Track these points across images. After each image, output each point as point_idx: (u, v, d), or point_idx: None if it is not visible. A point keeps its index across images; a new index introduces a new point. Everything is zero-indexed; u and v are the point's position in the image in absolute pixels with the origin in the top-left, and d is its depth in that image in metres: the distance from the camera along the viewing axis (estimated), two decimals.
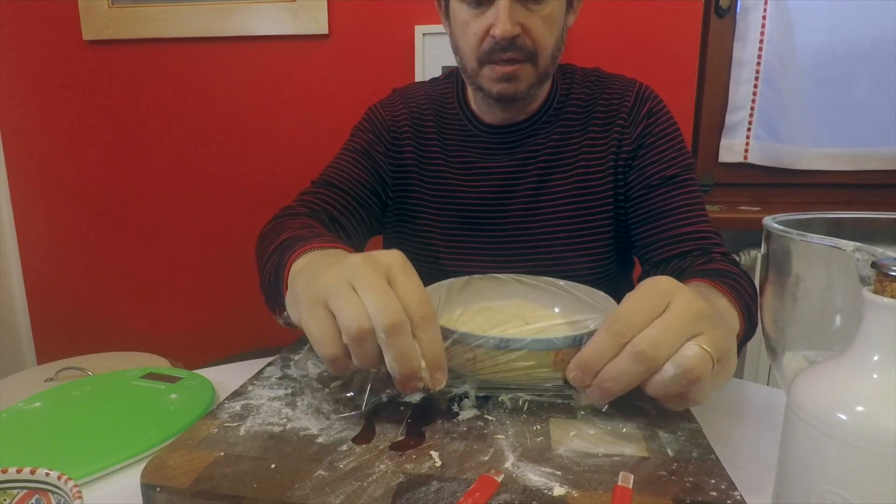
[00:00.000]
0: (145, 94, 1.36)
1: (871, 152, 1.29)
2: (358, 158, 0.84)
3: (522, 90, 0.73)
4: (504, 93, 0.73)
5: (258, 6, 1.27)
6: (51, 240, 1.47)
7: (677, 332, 0.40)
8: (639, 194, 0.78)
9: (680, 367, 0.39)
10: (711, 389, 0.43)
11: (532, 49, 0.71)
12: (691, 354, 0.39)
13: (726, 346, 0.42)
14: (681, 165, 0.77)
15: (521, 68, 0.71)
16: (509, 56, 0.70)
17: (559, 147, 0.79)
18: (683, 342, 0.40)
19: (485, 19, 0.70)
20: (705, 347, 0.39)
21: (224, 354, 1.33)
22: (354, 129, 0.88)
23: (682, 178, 0.77)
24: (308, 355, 0.60)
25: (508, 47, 0.69)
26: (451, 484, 0.37)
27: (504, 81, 0.72)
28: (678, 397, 0.42)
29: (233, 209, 1.39)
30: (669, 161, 0.77)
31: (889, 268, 0.29)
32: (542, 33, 0.71)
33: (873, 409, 0.28)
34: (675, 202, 0.76)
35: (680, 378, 0.40)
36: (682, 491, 0.37)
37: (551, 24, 0.71)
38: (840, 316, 0.47)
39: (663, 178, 0.77)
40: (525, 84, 0.73)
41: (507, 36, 0.68)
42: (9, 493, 0.36)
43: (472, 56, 0.73)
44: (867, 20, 1.23)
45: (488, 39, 0.70)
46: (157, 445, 0.49)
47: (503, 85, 0.72)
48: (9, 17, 1.36)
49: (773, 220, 0.52)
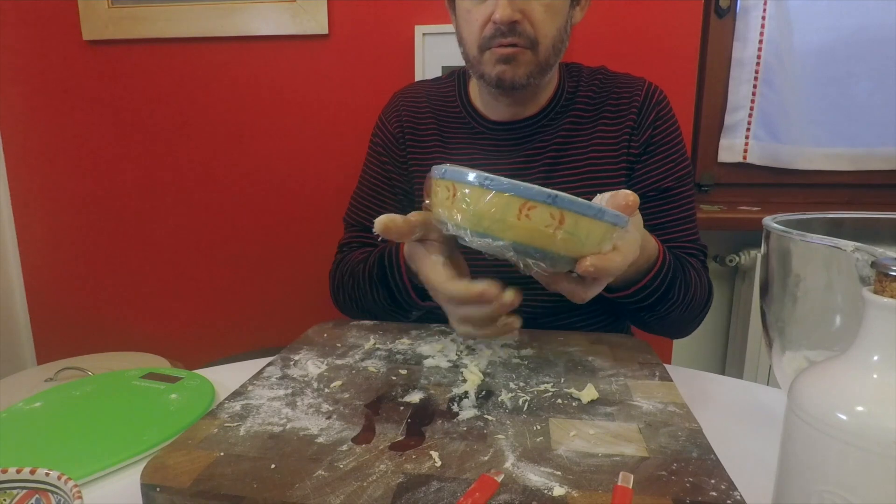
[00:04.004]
0: (145, 94, 1.36)
1: (871, 152, 1.29)
2: (378, 187, 0.87)
3: (521, 76, 0.73)
4: (503, 76, 0.73)
5: (258, 6, 1.27)
6: (51, 240, 1.47)
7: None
8: None
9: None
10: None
11: (533, 36, 0.71)
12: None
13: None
14: (677, 177, 0.79)
15: (520, 52, 0.72)
16: (509, 41, 0.71)
17: (566, 143, 0.80)
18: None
19: (486, 7, 0.71)
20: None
21: (224, 354, 1.33)
22: (368, 149, 0.91)
23: (677, 190, 0.79)
24: (308, 355, 0.60)
25: (509, 33, 0.70)
26: (451, 484, 0.37)
27: (503, 63, 0.72)
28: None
29: (233, 209, 1.39)
30: (667, 172, 0.78)
31: (889, 268, 0.29)
32: (542, 20, 0.71)
33: (873, 409, 0.28)
34: (667, 216, 0.78)
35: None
36: (682, 491, 0.37)
37: (553, 14, 0.72)
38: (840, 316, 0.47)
39: (658, 189, 0.78)
40: (524, 70, 0.73)
41: (506, 20, 0.69)
42: (9, 493, 0.36)
43: (474, 44, 0.74)
44: (867, 20, 1.23)
45: (489, 25, 0.71)
46: (157, 445, 0.49)
47: (502, 67, 0.72)
48: (9, 17, 1.36)
49: (773, 220, 0.53)
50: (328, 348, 0.63)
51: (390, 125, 0.86)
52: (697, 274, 0.74)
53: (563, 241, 0.46)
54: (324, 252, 1.36)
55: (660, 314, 0.72)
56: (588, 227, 0.46)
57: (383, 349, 0.62)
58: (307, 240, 1.38)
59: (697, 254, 0.79)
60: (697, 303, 0.74)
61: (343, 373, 0.56)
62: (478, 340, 0.64)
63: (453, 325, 0.58)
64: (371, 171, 0.88)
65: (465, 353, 0.61)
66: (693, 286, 0.72)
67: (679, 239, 0.78)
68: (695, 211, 0.80)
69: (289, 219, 1.38)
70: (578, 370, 0.57)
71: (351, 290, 0.79)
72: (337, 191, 1.33)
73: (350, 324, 0.71)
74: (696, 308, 0.75)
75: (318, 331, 0.68)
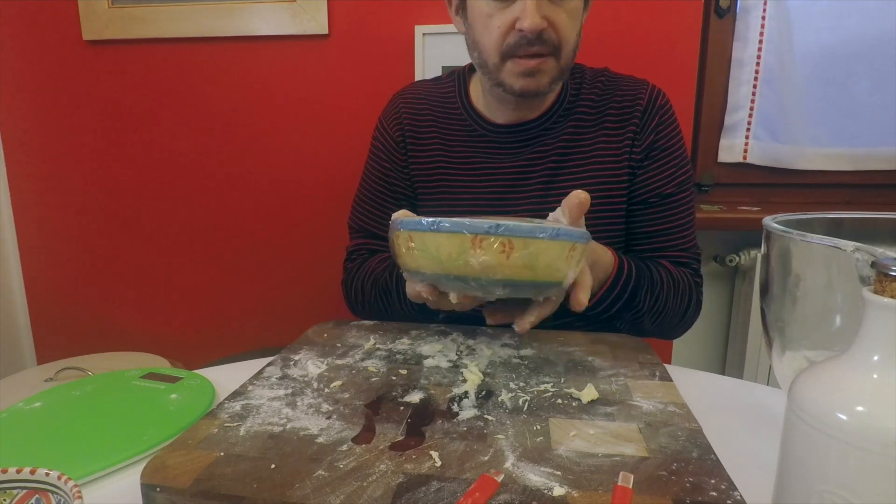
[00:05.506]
0: (145, 94, 1.36)
1: (871, 152, 1.29)
2: (379, 191, 0.87)
3: (545, 85, 0.72)
4: (526, 88, 0.72)
5: (258, 6, 1.27)
6: (51, 240, 1.47)
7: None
8: (633, 208, 0.79)
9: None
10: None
11: (556, 43, 0.70)
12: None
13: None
14: (678, 182, 0.79)
15: (544, 62, 0.70)
16: (535, 50, 0.69)
17: (569, 146, 0.79)
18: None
19: (510, 12, 0.69)
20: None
21: (224, 354, 1.33)
22: (369, 152, 0.91)
23: (677, 196, 0.79)
24: (308, 355, 0.60)
25: (535, 41, 0.68)
26: (451, 484, 0.37)
27: (527, 76, 0.71)
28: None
29: (232, 209, 1.39)
30: (669, 177, 0.78)
31: (889, 268, 0.29)
32: (566, 27, 0.70)
33: (873, 409, 0.28)
34: (666, 223, 0.79)
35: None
36: (682, 491, 0.37)
37: (574, 19, 0.71)
38: (840, 316, 0.47)
39: (660, 195, 0.78)
40: (547, 79, 0.72)
41: (536, 29, 0.67)
42: (9, 493, 0.36)
43: (495, 51, 0.71)
44: (867, 20, 1.23)
45: (514, 33, 0.69)
46: (157, 445, 0.49)
47: (526, 80, 0.71)
48: (9, 17, 1.36)
49: (773, 220, 0.52)
50: (328, 348, 0.63)
51: (390, 129, 0.86)
52: (673, 281, 0.75)
53: (521, 269, 0.47)
54: (324, 252, 1.36)
55: (629, 321, 0.74)
56: (541, 248, 0.47)
57: (383, 349, 0.62)
58: (307, 240, 1.38)
59: (690, 262, 0.80)
60: (671, 309, 0.75)
61: (343, 373, 0.56)
62: (477, 340, 0.64)
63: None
64: (373, 176, 0.88)
65: (465, 353, 0.61)
66: (665, 293, 0.73)
67: (676, 246, 0.79)
68: (694, 217, 0.80)
69: (289, 219, 1.38)
70: (578, 370, 0.57)
71: (374, 300, 0.80)
72: (337, 190, 1.33)
73: (350, 324, 0.71)
74: (672, 314, 0.76)
75: (318, 331, 0.68)
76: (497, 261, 0.46)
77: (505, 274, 0.47)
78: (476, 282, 0.48)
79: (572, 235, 0.49)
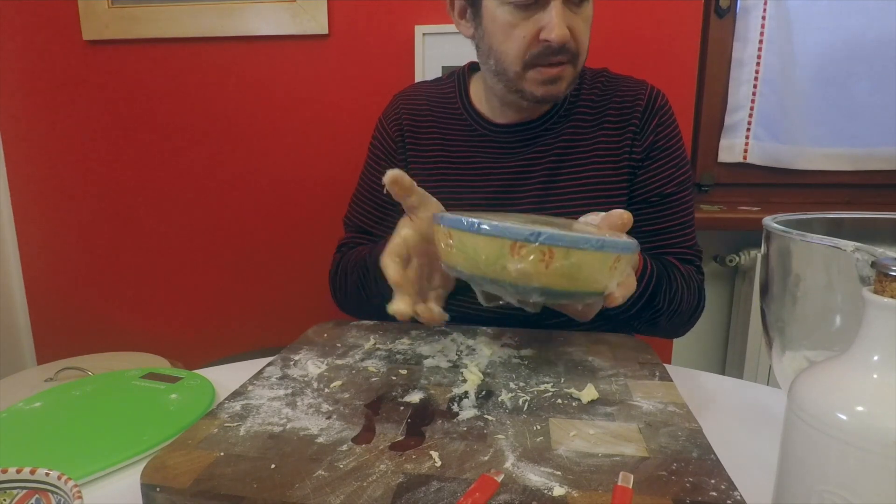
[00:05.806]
0: (145, 94, 1.36)
1: (871, 152, 1.28)
2: (376, 190, 0.87)
3: (564, 91, 0.74)
4: (548, 94, 0.73)
5: (258, 6, 1.27)
6: (51, 240, 1.47)
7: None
8: (633, 208, 0.79)
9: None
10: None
11: (575, 50, 0.71)
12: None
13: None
14: (678, 182, 0.79)
15: (564, 69, 0.72)
16: (558, 59, 0.70)
17: (569, 147, 0.80)
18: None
19: (533, 22, 0.69)
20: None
21: (224, 354, 1.33)
22: (368, 152, 0.91)
23: (677, 196, 0.79)
24: (308, 355, 0.60)
25: (560, 51, 0.70)
26: (451, 484, 0.37)
27: (549, 84, 0.72)
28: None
29: (232, 209, 1.39)
30: (668, 177, 0.79)
31: (889, 268, 0.29)
32: (583, 34, 0.72)
33: (873, 409, 0.28)
34: (666, 222, 0.79)
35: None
36: (682, 491, 0.37)
37: (588, 25, 0.73)
38: (840, 316, 0.47)
39: (660, 195, 0.79)
40: (566, 84, 0.74)
41: (564, 41, 0.68)
42: (9, 493, 0.36)
43: (518, 59, 0.71)
44: (867, 20, 1.22)
45: (538, 43, 0.70)
46: (157, 445, 0.49)
47: (547, 87, 0.72)
48: (9, 17, 1.36)
49: (773, 220, 0.52)
50: (328, 348, 0.63)
51: (390, 129, 0.86)
52: (685, 280, 0.76)
53: (561, 278, 0.45)
54: (324, 252, 1.35)
55: (646, 320, 0.74)
56: (584, 260, 0.45)
57: (383, 349, 0.62)
58: (307, 240, 1.38)
59: (694, 259, 0.81)
60: (685, 308, 0.76)
61: (343, 373, 0.56)
62: (477, 340, 0.64)
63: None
64: (370, 175, 0.88)
65: (465, 353, 0.61)
66: (679, 293, 0.74)
67: (677, 244, 0.79)
68: (693, 216, 0.81)
69: (289, 218, 1.38)
70: (578, 370, 0.57)
71: (347, 288, 0.81)
72: (337, 190, 1.33)
73: (350, 324, 0.71)
74: (685, 313, 0.76)
75: (318, 331, 0.68)
76: (535, 269, 0.45)
77: (542, 282, 0.45)
78: (513, 287, 0.47)
79: (618, 246, 0.46)
